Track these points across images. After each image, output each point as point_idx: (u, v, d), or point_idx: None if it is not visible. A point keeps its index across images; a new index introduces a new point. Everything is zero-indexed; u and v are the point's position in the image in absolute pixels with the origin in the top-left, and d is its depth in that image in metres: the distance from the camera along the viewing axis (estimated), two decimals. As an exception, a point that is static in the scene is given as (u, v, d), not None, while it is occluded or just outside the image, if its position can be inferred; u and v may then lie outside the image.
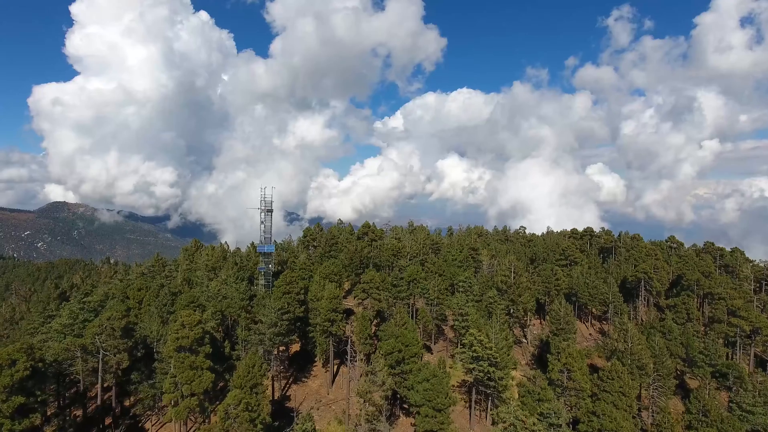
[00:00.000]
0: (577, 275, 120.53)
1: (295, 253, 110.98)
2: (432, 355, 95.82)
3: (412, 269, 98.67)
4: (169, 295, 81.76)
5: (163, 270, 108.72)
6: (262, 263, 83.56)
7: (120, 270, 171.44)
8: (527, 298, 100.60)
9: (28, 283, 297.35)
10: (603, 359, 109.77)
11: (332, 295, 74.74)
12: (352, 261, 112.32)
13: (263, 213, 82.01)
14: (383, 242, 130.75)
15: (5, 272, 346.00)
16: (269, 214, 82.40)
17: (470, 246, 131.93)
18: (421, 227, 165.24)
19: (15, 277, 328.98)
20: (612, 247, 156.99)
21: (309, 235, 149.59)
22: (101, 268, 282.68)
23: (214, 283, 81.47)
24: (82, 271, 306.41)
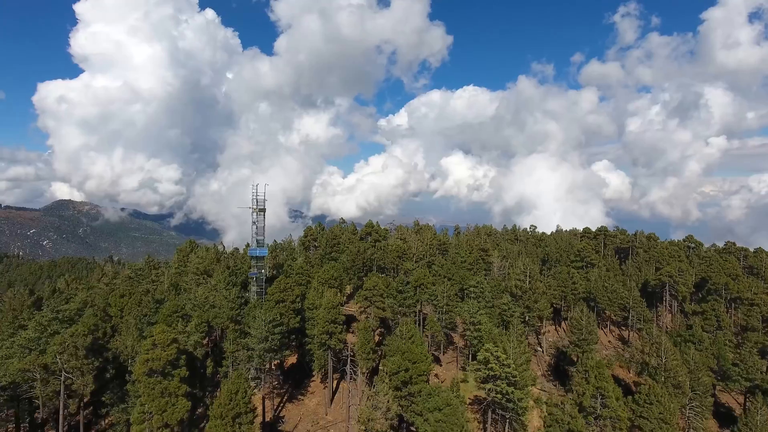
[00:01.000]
0: (594, 278, 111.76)
1: (293, 255, 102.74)
2: (441, 366, 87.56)
3: (418, 273, 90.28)
4: (153, 304, 73.81)
5: (152, 273, 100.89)
6: (254, 268, 75.27)
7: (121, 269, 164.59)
8: (544, 305, 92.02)
9: (29, 282, 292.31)
10: (625, 369, 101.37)
11: (331, 304, 66.46)
12: (355, 263, 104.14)
13: (255, 213, 73.73)
14: (387, 243, 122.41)
15: (8, 270, 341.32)
16: (262, 214, 74.10)
17: (480, 247, 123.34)
18: (427, 227, 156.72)
19: (17, 276, 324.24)
20: (629, 248, 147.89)
21: (309, 235, 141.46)
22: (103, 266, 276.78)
23: (201, 289, 73.38)
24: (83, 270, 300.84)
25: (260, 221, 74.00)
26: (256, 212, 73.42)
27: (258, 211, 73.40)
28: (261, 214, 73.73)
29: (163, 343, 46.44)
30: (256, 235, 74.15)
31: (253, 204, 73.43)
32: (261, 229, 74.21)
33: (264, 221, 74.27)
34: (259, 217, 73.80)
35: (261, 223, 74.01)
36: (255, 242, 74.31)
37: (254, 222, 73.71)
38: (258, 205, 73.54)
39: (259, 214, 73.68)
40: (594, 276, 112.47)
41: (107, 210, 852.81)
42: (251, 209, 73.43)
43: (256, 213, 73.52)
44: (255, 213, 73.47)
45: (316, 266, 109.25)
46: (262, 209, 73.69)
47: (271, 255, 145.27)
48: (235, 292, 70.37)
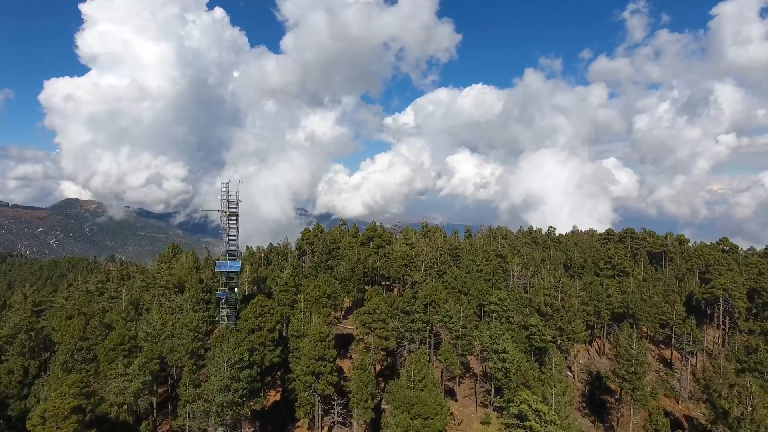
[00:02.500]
0: (632, 290, 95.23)
1: (282, 264, 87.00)
2: (457, 402, 71.71)
3: (428, 288, 74.50)
4: (101, 330, 58.56)
5: (122, 283, 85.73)
6: (224, 287, 59.71)
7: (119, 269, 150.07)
8: (579, 326, 75.84)
9: (30, 281, 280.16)
10: (671, 399, 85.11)
11: (318, 335, 50.76)
12: (354, 273, 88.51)
13: (225, 216, 58.27)
14: (392, 248, 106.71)
15: (12, 269, 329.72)
16: (234, 218, 58.58)
17: (497, 252, 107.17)
18: (436, 228, 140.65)
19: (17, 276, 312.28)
20: (661, 253, 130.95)
21: (306, 238, 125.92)
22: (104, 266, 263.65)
23: (156, 313, 57.87)
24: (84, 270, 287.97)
25: (232, 227, 58.49)
26: (226, 216, 57.83)
27: (228, 214, 57.81)
28: (233, 218, 58.14)
29: (58, 415, 30.94)
30: (228, 244, 58.62)
31: (222, 205, 57.89)
32: (233, 238, 58.67)
33: (237, 227, 58.70)
34: (230, 222, 58.24)
35: (233, 230, 58.50)
36: (226, 254, 58.75)
37: (224, 228, 58.21)
38: (229, 208, 57.99)
39: (230, 219, 58.10)
40: (631, 287, 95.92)
41: (113, 208, 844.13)
42: (220, 212, 57.86)
43: (227, 217, 57.93)
44: (225, 217, 57.88)
45: (309, 276, 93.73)
46: (234, 212, 58.10)
47: (264, 258, 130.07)
48: (199, 317, 54.81)
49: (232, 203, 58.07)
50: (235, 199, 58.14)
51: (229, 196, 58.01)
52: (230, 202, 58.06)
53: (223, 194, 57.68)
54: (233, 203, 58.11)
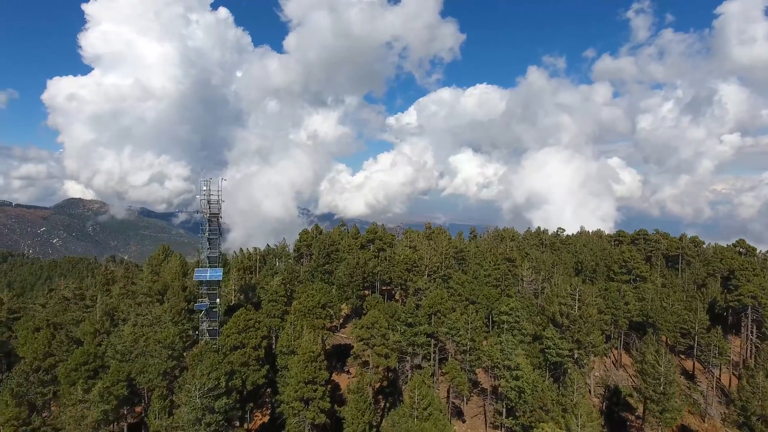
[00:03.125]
0: (651, 297, 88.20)
1: (274, 269, 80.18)
2: (465, 423, 64.96)
3: (433, 296, 67.73)
4: (67, 345, 52.07)
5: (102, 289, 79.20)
6: (205, 298, 52.94)
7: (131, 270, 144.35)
8: (598, 338, 68.91)
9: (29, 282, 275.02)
10: (696, 417, 78.17)
11: (309, 355, 44.08)
12: (353, 278, 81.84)
13: (205, 218, 51.60)
14: (394, 251, 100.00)
15: (12, 269, 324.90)
16: (215, 221, 51.89)
17: (505, 256, 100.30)
18: (439, 230, 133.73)
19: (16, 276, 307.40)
20: (678, 256, 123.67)
21: (305, 240, 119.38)
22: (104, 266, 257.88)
23: (129, 326, 51.28)
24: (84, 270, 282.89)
25: (213, 231, 51.79)
26: (207, 218, 51.14)
27: (209, 216, 51.12)
28: (214, 220, 51.44)
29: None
30: (209, 250, 51.93)
31: (203, 206, 51.23)
32: (214, 242, 51.96)
33: (219, 231, 52.00)
34: (211, 224, 51.55)
35: (214, 233, 51.80)
36: (206, 260, 52.02)
37: (203, 231, 51.51)
38: (210, 209, 51.31)
39: (211, 221, 51.42)
40: (650, 294, 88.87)
41: (116, 208, 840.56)
42: (201, 214, 51.21)
43: (208, 218, 51.23)
44: (205, 219, 51.19)
45: (306, 281, 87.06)
46: (215, 214, 51.38)
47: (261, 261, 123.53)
48: (175, 332, 48.17)
49: (214, 204, 51.40)
50: (216, 200, 51.51)
51: (210, 196, 51.37)
52: (211, 203, 51.37)
53: (203, 194, 51.05)
54: (215, 204, 51.43)
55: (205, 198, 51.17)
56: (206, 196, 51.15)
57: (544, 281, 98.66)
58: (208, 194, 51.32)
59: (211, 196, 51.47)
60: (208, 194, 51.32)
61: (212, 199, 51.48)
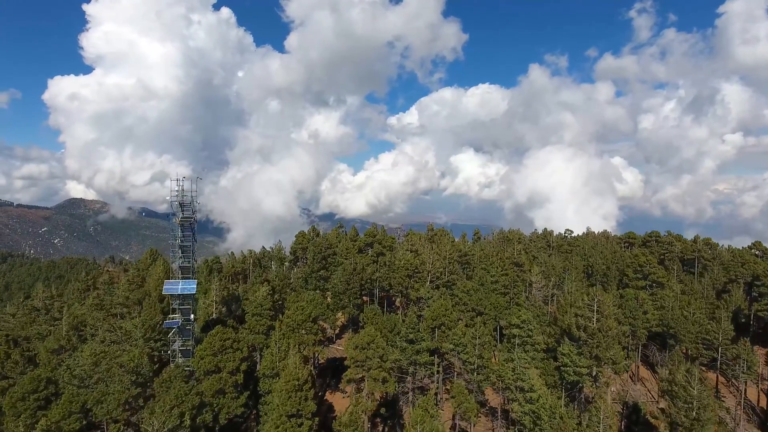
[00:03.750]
0: (671, 306, 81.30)
1: (263, 275, 73.30)
2: (472, 449, 58.19)
3: (437, 307, 60.95)
4: (22, 366, 45.43)
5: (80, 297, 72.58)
6: (178, 314, 46.05)
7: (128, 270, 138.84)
8: (618, 354, 62.02)
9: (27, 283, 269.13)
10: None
11: (293, 384, 37.35)
12: (350, 286, 75.16)
13: (178, 221, 44.82)
14: (394, 255, 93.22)
15: (12, 270, 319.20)
16: (187, 225, 45.11)
17: (512, 260, 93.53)
18: (442, 231, 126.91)
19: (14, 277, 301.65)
20: (694, 259, 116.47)
21: (300, 243, 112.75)
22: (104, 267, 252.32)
23: (88, 346, 44.53)
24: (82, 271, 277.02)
25: (186, 236, 45.00)
26: (178, 222, 44.38)
27: (182, 220, 44.34)
28: (187, 224, 44.64)
29: None
30: (182, 258, 45.17)
31: (174, 208, 44.50)
32: (188, 250, 45.15)
33: (194, 237, 45.27)
34: (184, 230, 44.75)
35: (187, 239, 44.99)
36: (178, 270, 45.26)
37: (175, 236, 44.74)
38: (183, 212, 44.56)
39: (183, 225, 44.64)
40: (670, 302, 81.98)
41: (117, 208, 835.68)
42: (171, 217, 44.49)
43: (179, 221, 44.44)
44: (178, 221, 44.40)
45: (299, 289, 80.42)
46: (189, 218, 44.60)
47: (255, 265, 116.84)
48: (139, 354, 41.45)
49: (187, 206, 44.76)
50: (191, 201, 44.82)
51: (182, 197, 44.67)
52: (184, 205, 44.73)
53: (175, 195, 44.29)
54: (188, 206, 44.77)
55: (177, 199, 44.44)
56: (178, 197, 44.41)
57: (554, 287, 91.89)
58: (181, 195, 44.57)
59: (184, 196, 44.77)
60: (181, 195, 44.57)
61: (185, 201, 44.77)
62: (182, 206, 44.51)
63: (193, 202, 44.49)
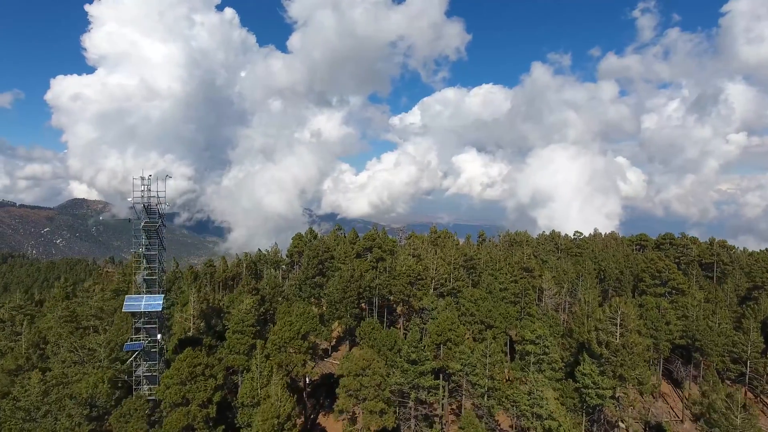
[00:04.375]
0: (696, 315, 74.56)
1: (250, 283, 66.58)
2: (481, 482, 51.58)
3: (442, 320, 54.44)
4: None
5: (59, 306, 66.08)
6: (142, 333, 39.37)
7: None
8: (645, 373, 55.32)
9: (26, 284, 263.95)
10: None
11: (271, 423, 30.79)
12: (347, 294, 68.68)
13: (142, 227, 38.18)
14: (396, 259, 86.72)
15: (12, 270, 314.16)
16: (153, 229, 38.39)
17: (522, 265, 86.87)
18: (445, 233, 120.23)
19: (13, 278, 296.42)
20: (712, 263, 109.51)
21: (297, 246, 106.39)
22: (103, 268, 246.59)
23: (35, 374, 38.03)
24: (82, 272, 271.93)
25: (152, 244, 38.35)
26: (142, 227, 37.72)
27: (146, 225, 37.72)
28: (152, 230, 37.95)
29: None
30: (146, 270, 38.49)
31: (139, 212, 37.91)
32: (154, 260, 38.49)
33: (161, 243, 38.66)
34: (148, 235, 38.09)
35: (153, 248, 38.33)
36: (143, 283, 38.68)
37: (140, 243, 38.09)
38: (149, 216, 37.97)
39: (148, 230, 37.98)
40: (694, 311, 75.21)
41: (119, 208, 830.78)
42: (132, 222, 37.93)
43: (143, 229, 37.77)
44: (141, 229, 37.77)
45: (292, 298, 74.01)
46: (154, 223, 37.97)
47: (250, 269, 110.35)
48: (96, 380, 34.98)
49: (153, 210, 38.03)
50: (157, 201, 38.12)
51: (149, 199, 38.07)
52: (149, 209, 38.07)
53: (139, 196, 37.63)
54: (154, 212, 37.97)
55: (142, 201, 37.86)
56: (143, 198, 37.81)
57: (567, 294, 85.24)
58: (147, 196, 38.01)
59: (151, 198, 38.24)
60: (147, 196, 38.01)
61: (152, 201, 38.16)
62: (147, 209, 37.93)
63: (160, 204, 37.87)
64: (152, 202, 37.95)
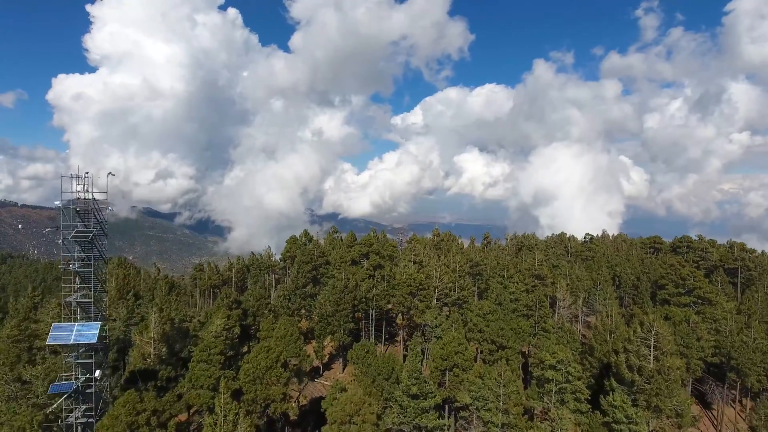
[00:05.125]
0: (729, 330, 66.45)
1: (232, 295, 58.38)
2: None
3: (448, 341, 46.58)
4: None
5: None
6: (74, 372, 31.31)
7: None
8: (685, 403, 47.29)
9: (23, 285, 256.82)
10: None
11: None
12: (340, 307, 60.87)
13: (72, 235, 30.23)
14: (396, 264, 78.83)
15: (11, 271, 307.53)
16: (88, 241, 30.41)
17: (532, 272, 78.96)
18: (449, 236, 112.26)
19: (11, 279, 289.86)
20: (737, 270, 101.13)
21: (289, 251, 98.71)
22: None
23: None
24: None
25: (88, 260, 30.27)
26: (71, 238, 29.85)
27: (76, 235, 29.70)
28: (85, 241, 29.96)
29: None
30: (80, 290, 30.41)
31: (71, 216, 30.12)
32: (89, 278, 30.38)
33: (102, 256, 30.76)
34: (82, 247, 30.10)
35: (88, 264, 30.31)
36: (76, 307, 30.68)
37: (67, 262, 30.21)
38: (84, 222, 30.08)
39: (79, 241, 30.05)
40: (728, 325, 67.10)
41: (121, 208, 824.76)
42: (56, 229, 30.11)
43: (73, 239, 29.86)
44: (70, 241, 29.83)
45: (281, 308, 66.22)
46: (86, 235, 29.91)
47: (242, 274, 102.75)
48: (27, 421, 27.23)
49: (87, 214, 30.11)
50: (94, 207, 30.13)
51: (85, 201, 30.07)
52: (84, 213, 30.07)
53: (73, 199, 29.69)
54: (88, 214, 30.12)
55: (74, 205, 29.98)
56: (75, 201, 29.90)
57: (583, 304, 77.24)
58: (81, 198, 30.12)
59: (88, 199, 30.37)
60: (81, 198, 30.12)
61: (88, 205, 30.27)
62: (79, 214, 30.04)
63: (97, 210, 29.86)
64: (88, 205, 30.08)
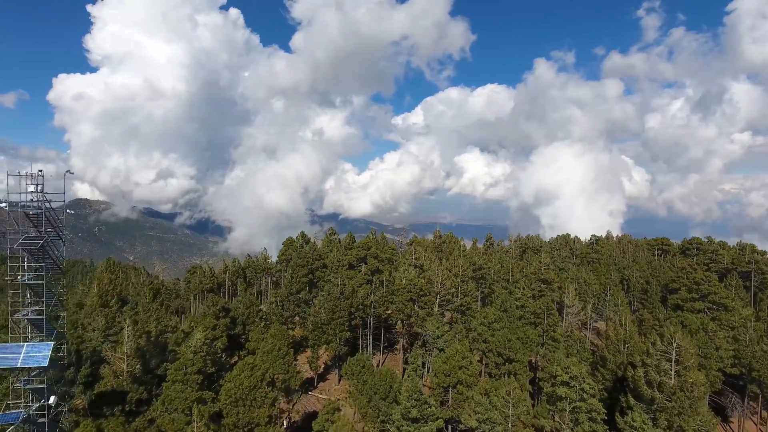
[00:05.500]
0: (749, 339, 62.40)
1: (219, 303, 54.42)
2: None
3: (451, 355, 42.66)
4: None
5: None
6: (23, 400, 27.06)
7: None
8: (709, 423, 43.29)
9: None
10: None
11: None
12: (336, 314, 56.96)
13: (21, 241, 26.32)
14: (395, 268, 74.90)
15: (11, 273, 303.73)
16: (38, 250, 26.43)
17: (539, 276, 74.96)
18: (451, 238, 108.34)
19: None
20: (750, 273, 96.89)
21: (285, 254, 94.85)
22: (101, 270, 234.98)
23: None
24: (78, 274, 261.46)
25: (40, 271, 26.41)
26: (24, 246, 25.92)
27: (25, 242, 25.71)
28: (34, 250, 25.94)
29: None
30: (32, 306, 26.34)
31: (15, 224, 26.16)
32: (41, 291, 26.51)
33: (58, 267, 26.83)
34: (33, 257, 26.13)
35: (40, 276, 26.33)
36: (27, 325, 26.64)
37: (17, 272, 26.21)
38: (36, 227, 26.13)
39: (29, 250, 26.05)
40: (747, 333, 63.06)
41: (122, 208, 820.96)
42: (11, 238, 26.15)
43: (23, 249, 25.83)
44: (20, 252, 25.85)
45: (272, 316, 62.38)
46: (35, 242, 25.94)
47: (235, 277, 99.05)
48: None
49: (39, 218, 26.20)
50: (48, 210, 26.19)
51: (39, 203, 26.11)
52: (35, 218, 26.10)
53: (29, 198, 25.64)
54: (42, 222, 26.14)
55: (25, 209, 26.01)
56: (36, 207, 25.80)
57: (593, 310, 73.31)
58: (35, 201, 26.09)
59: (39, 202, 26.34)
60: (35, 201, 26.09)
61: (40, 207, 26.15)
62: (31, 218, 26.08)
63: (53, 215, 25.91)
64: (41, 207, 26.09)
